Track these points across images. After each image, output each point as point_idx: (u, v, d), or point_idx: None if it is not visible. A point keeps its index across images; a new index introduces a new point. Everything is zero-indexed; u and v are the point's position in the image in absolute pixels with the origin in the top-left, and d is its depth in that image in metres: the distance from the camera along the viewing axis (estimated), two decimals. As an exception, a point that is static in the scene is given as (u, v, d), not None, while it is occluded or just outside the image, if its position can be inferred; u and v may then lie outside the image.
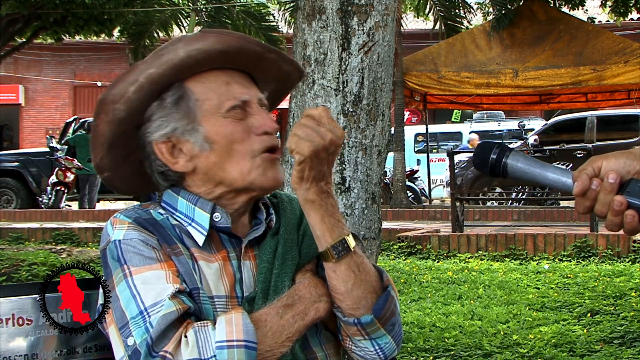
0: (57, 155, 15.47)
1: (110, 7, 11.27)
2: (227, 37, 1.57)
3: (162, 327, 1.39)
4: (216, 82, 1.58)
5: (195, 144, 1.55)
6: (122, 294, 1.45)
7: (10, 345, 1.61)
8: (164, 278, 1.45)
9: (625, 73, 12.06)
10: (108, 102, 1.57)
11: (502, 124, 19.96)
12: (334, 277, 1.51)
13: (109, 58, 25.22)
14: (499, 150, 1.34)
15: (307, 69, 3.28)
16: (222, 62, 1.58)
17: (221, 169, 1.54)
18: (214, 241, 1.56)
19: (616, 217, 1.24)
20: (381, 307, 1.52)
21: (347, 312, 1.52)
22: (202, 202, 1.57)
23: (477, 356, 4.49)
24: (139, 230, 1.51)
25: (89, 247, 9.70)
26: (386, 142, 3.38)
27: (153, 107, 1.58)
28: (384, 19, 3.30)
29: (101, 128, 1.59)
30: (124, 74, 1.59)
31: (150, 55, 1.59)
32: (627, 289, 6.17)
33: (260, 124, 1.56)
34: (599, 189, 1.25)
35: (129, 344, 1.42)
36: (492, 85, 12.79)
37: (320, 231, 1.49)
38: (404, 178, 14.77)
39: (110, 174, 1.65)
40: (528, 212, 12.47)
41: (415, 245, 8.66)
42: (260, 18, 17.24)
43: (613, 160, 1.27)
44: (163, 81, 1.56)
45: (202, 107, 1.56)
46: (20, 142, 26.49)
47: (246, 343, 1.39)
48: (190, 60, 1.55)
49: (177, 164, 1.56)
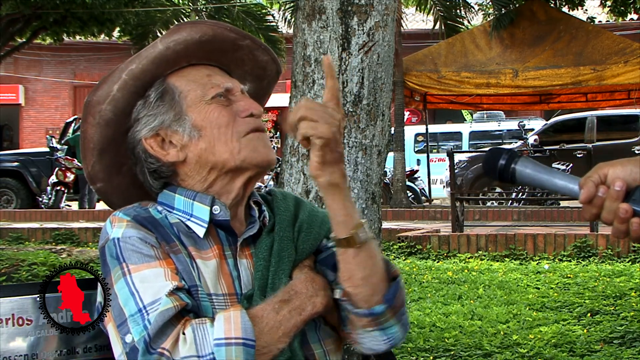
0: (57, 155, 15.47)
1: (110, 7, 11.26)
2: (201, 26, 1.60)
3: (160, 324, 1.39)
4: (198, 74, 1.61)
5: (184, 133, 1.57)
6: (120, 292, 1.46)
7: (10, 345, 1.61)
8: (163, 276, 1.45)
9: (625, 73, 12.06)
10: (94, 104, 1.59)
11: (502, 124, 19.95)
12: (354, 264, 1.50)
13: (109, 58, 25.19)
14: (508, 157, 1.35)
15: (307, 69, 3.29)
16: (200, 54, 1.61)
17: (212, 154, 1.56)
18: (211, 235, 1.57)
19: (622, 224, 1.24)
20: (392, 297, 1.53)
21: (360, 302, 1.52)
22: (200, 196, 1.57)
23: (477, 356, 4.49)
24: (138, 229, 1.51)
25: (89, 247, 9.70)
26: (386, 142, 3.38)
27: (138, 106, 1.60)
28: (384, 19, 3.30)
29: (90, 132, 1.60)
30: (106, 75, 1.61)
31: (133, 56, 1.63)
32: (627, 289, 6.17)
33: (245, 107, 1.59)
34: (605, 197, 1.25)
35: (127, 341, 1.42)
36: (492, 85, 12.79)
37: (344, 216, 1.49)
38: (404, 178, 14.77)
39: (104, 185, 1.65)
40: (528, 212, 12.47)
41: (415, 245, 8.66)
42: (260, 18, 17.25)
43: (619, 167, 1.26)
44: (145, 76, 1.58)
45: (187, 98, 1.58)
46: (20, 142, 26.48)
47: (244, 341, 1.40)
48: (168, 53, 1.58)
49: (169, 155, 1.58)
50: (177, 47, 1.57)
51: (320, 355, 1.56)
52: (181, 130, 1.57)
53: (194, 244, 1.54)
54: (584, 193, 1.26)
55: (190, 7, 17.63)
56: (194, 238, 1.55)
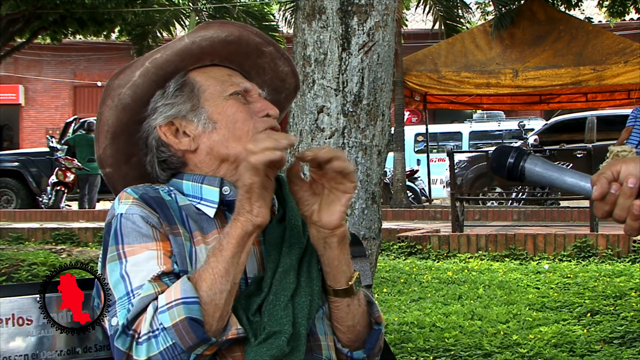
0: (57, 155, 15.46)
1: (110, 7, 11.26)
2: (229, 26, 1.64)
3: (139, 309, 1.42)
4: (219, 72, 1.64)
5: (199, 124, 1.60)
6: (112, 274, 1.48)
7: (10, 345, 1.61)
8: (155, 259, 1.48)
9: (625, 73, 12.06)
10: (114, 87, 1.62)
11: (502, 124, 19.95)
12: (346, 312, 1.58)
13: (109, 58, 25.20)
14: (517, 155, 1.33)
15: (307, 69, 3.29)
16: (224, 53, 1.64)
17: (224, 147, 1.58)
18: (220, 219, 1.58)
19: (635, 221, 1.24)
20: (373, 345, 1.63)
21: (343, 342, 1.61)
22: (209, 179, 1.59)
23: (477, 356, 4.49)
24: (142, 207, 1.53)
25: (89, 247, 9.70)
26: (386, 142, 3.38)
27: (157, 96, 1.62)
28: (384, 19, 3.30)
29: (106, 115, 1.63)
30: (130, 63, 1.64)
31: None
32: (627, 289, 6.17)
33: (262, 108, 1.62)
34: (618, 194, 1.24)
35: (112, 324, 1.46)
36: (492, 85, 12.79)
37: (347, 265, 1.56)
38: (404, 178, 14.76)
39: (112, 171, 1.68)
40: (528, 212, 12.47)
41: (415, 245, 8.66)
42: (260, 18, 17.27)
43: (632, 164, 1.26)
44: (168, 67, 1.61)
45: (206, 92, 1.61)
46: (20, 142, 26.48)
47: (183, 299, 1.40)
48: (194, 47, 1.61)
49: (181, 144, 1.60)
50: (203, 42, 1.61)
51: (325, 347, 1.58)
52: (196, 121, 1.60)
53: (200, 228, 1.55)
54: (597, 190, 1.25)
55: (190, 7, 17.62)
56: (202, 221, 1.56)
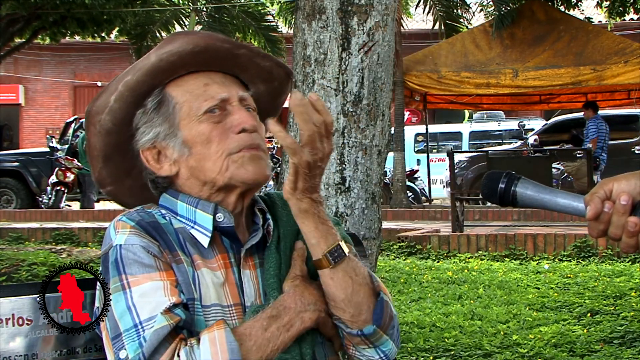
0: (57, 155, 15.46)
1: (110, 7, 11.25)
2: (193, 37, 1.59)
3: (155, 343, 1.39)
4: (195, 84, 1.59)
5: (175, 149, 1.57)
6: (117, 305, 1.45)
7: (10, 345, 1.61)
8: (162, 289, 1.45)
9: (625, 73, 12.05)
10: (93, 114, 1.60)
11: (502, 124, 19.95)
12: (332, 285, 1.50)
13: (109, 58, 25.19)
14: (507, 179, 1.32)
15: (307, 69, 3.29)
16: (198, 63, 1.60)
17: (201, 172, 1.56)
18: (216, 243, 1.56)
19: (631, 238, 1.23)
20: (380, 315, 1.53)
21: (349, 322, 1.52)
22: (203, 204, 1.57)
23: (477, 356, 4.49)
24: (141, 236, 1.50)
25: (89, 247, 9.70)
26: (386, 142, 3.38)
27: (138, 115, 1.60)
28: (384, 19, 3.30)
29: (93, 141, 1.61)
30: (105, 87, 1.62)
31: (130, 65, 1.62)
32: (627, 289, 6.17)
33: (238, 122, 1.56)
34: (611, 212, 1.23)
35: (121, 357, 1.41)
36: (492, 85, 12.78)
37: (315, 239, 1.49)
38: (404, 178, 14.76)
39: (113, 188, 1.66)
40: (528, 212, 12.45)
41: (415, 245, 8.66)
42: (259, 18, 17.25)
43: (624, 181, 1.25)
44: (141, 87, 1.58)
45: (181, 111, 1.57)
46: (20, 142, 26.47)
47: None
48: (162, 64, 1.57)
49: (162, 169, 1.59)
50: (171, 58, 1.57)
51: None
52: (172, 145, 1.57)
53: (199, 252, 1.54)
54: (591, 209, 1.24)
55: (190, 7, 17.61)
56: (199, 246, 1.54)
